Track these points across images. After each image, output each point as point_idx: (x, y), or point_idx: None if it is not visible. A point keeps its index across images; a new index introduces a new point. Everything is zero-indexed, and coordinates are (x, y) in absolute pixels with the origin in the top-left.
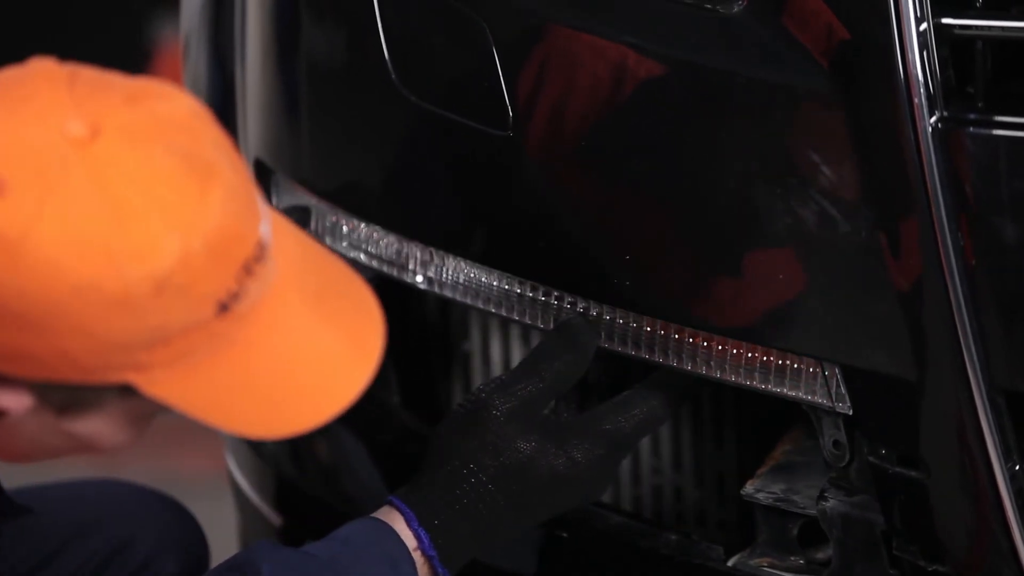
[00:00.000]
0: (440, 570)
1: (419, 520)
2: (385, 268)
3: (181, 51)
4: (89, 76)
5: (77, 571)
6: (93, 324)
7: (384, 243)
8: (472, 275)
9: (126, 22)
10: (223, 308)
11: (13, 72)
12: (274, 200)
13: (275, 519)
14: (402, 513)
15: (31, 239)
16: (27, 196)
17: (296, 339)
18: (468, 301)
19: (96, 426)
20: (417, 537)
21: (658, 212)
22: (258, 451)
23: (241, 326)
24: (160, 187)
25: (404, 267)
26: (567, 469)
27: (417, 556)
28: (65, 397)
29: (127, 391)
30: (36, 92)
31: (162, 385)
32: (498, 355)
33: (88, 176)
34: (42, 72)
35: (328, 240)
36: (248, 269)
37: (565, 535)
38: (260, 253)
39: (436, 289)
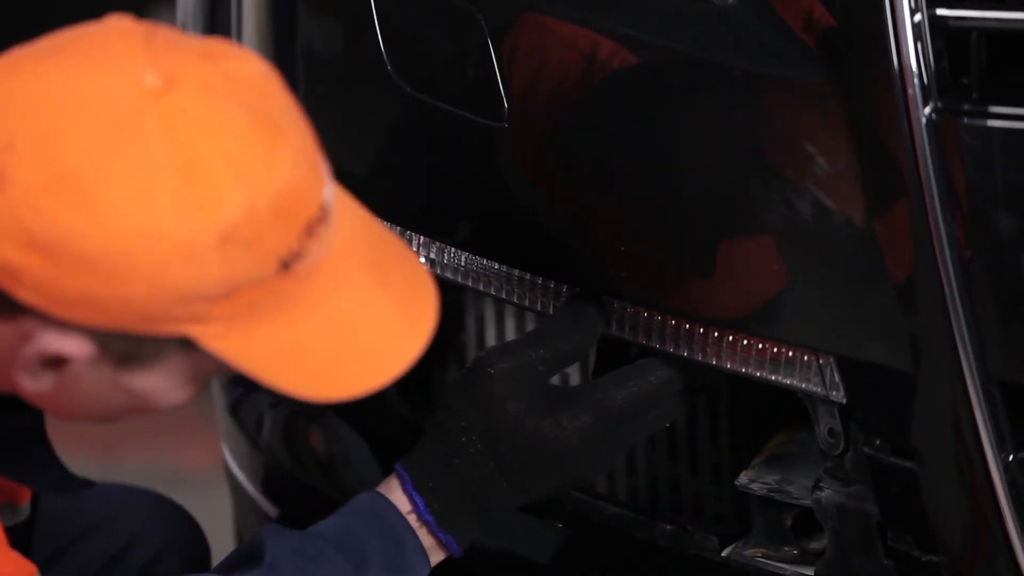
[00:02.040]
0: (441, 536)
1: (414, 483)
2: None
3: None
4: (165, 33)
5: (86, 566)
6: (157, 272)
7: (388, 225)
8: (474, 257)
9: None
10: (284, 267)
11: (90, 27)
12: None
13: (271, 510)
14: (400, 478)
15: (102, 184)
16: (101, 142)
17: (352, 305)
18: (470, 283)
19: (154, 382)
20: (411, 501)
21: (653, 203)
22: (254, 442)
23: (301, 287)
24: (230, 142)
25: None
26: (552, 432)
27: (413, 520)
28: (126, 348)
29: (187, 346)
30: (113, 44)
31: (221, 340)
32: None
33: (161, 126)
34: (119, 27)
35: None
36: (310, 230)
37: (561, 525)
38: (323, 216)
39: (438, 271)
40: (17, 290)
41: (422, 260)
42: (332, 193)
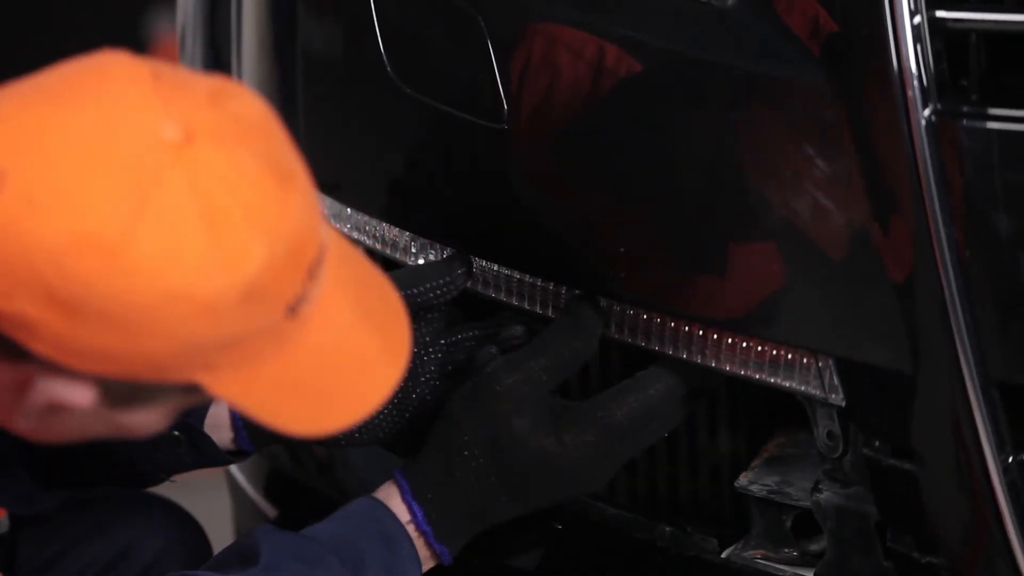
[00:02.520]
0: (437, 547)
1: (413, 493)
2: (388, 251)
3: (177, 44)
4: (169, 74)
5: (86, 568)
6: (179, 328)
7: (387, 226)
8: (474, 259)
9: (123, 15)
10: (291, 311)
11: (87, 66)
12: None
13: (270, 511)
14: (399, 486)
15: (128, 243)
16: (125, 199)
17: (341, 339)
18: (468, 285)
19: (143, 417)
20: (411, 511)
21: (653, 205)
22: None
23: (300, 328)
24: (249, 192)
25: (407, 250)
26: (555, 450)
27: (411, 529)
28: (129, 392)
29: (190, 388)
30: (123, 90)
31: (227, 385)
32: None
33: (186, 181)
34: (122, 68)
35: (333, 222)
36: (311, 272)
37: (560, 527)
38: (321, 256)
39: None
40: (29, 341)
41: (421, 262)
42: (326, 231)
